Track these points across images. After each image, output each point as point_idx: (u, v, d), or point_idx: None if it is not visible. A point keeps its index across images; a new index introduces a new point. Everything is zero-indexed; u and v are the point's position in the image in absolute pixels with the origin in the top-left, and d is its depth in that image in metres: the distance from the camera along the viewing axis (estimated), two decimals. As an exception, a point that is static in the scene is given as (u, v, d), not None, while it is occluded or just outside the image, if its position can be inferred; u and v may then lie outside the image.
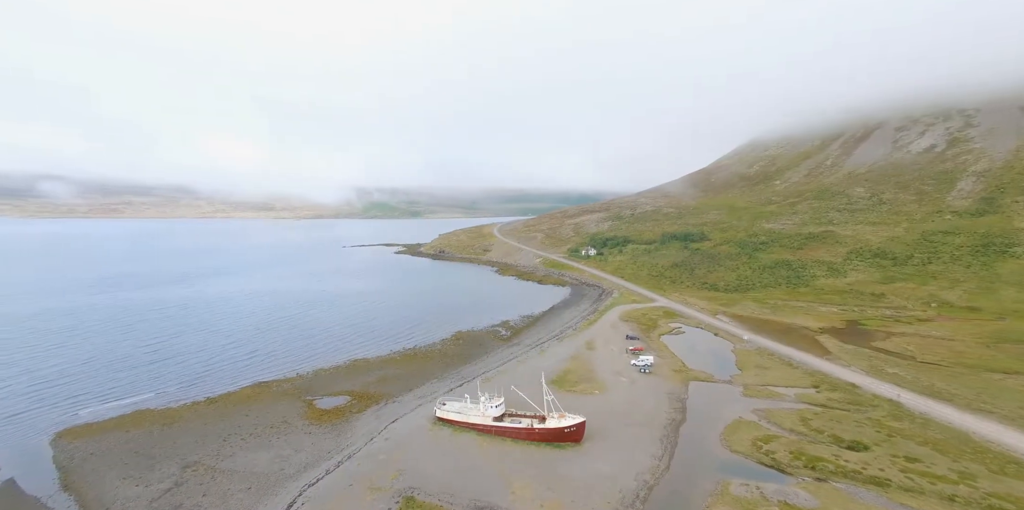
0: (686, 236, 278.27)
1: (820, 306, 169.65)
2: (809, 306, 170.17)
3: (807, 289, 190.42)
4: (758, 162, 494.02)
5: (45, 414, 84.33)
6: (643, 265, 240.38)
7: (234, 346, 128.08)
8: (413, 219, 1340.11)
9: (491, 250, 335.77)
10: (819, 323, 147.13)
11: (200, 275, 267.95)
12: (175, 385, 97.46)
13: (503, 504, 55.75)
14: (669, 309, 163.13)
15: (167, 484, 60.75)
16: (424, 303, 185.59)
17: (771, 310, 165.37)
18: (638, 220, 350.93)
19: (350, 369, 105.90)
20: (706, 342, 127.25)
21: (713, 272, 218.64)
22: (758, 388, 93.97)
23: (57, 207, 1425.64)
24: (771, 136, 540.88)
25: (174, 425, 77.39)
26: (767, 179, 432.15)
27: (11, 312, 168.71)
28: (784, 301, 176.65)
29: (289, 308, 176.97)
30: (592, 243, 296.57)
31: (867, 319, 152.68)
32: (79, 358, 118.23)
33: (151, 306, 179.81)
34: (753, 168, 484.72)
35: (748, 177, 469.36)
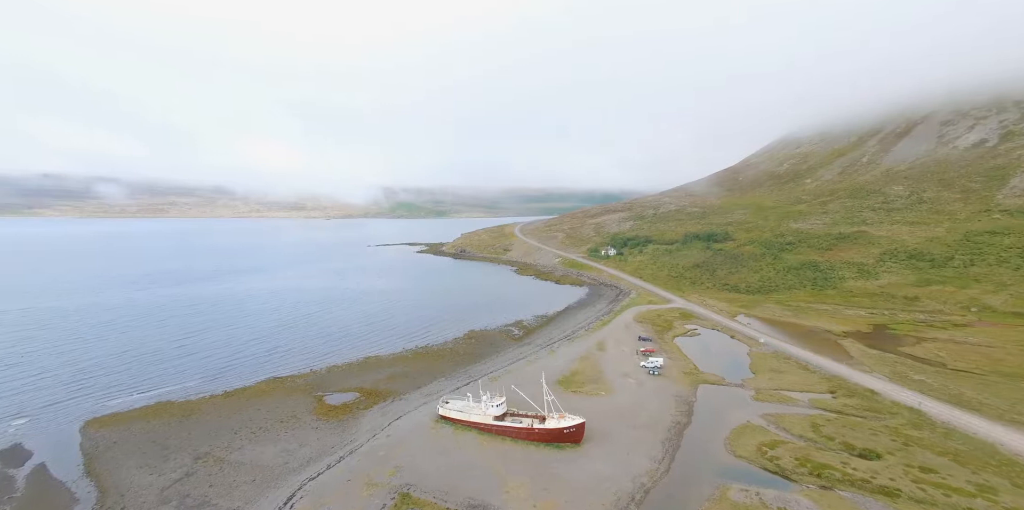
0: (709, 236, 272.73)
1: (846, 309, 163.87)
2: (835, 309, 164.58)
3: (834, 291, 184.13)
4: (789, 160, 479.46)
5: (80, 403, 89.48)
6: (663, 265, 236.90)
7: (256, 342, 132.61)
8: (438, 219, 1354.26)
9: (511, 249, 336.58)
10: (844, 327, 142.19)
11: (231, 272, 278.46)
12: (198, 378, 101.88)
13: (497, 503, 56.32)
14: (686, 310, 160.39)
15: (178, 474, 63.63)
16: (441, 302, 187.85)
17: (793, 313, 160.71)
18: (660, 220, 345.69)
19: (362, 366, 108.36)
20: (721, 344, 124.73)
21: (735, 273, 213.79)
22: (770, 392, 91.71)
23: (111, 207, 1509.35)
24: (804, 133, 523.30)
25: (191, 417, 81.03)
26: (797, 177, 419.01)
27: (61, 306, 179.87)
28: (808, 304, 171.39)
29: (311, 305, 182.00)
30: (612, 243, 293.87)
31: (897, 323, 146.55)
32: (115, 351, 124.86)
33: (184, 302, 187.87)
34: (783, 166, 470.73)
35: (777, 175, 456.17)
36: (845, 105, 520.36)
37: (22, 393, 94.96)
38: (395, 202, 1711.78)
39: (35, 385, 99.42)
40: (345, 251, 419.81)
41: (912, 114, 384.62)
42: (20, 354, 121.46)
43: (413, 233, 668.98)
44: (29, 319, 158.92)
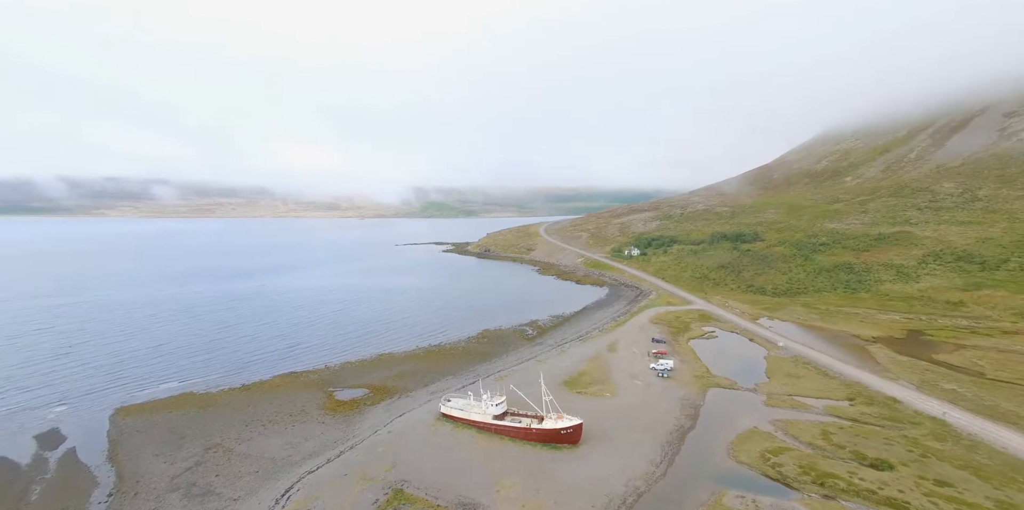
0: (737, 236, 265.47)
1: (880, 313, 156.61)
2: (867, 313, 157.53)
3: (867, 294, 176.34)
4: (828, 157, 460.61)
5: (113, 392, 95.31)
6: (687, 266, 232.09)
7: (280, 338, 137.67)
8: (468, 218, 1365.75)
9: (535, 249, 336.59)
10: (874, 332, 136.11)
11: (265, 270, 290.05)
12: (221, 372, 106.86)
13: (486, 502, 57.00)
14: (706, 312, 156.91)
15: (189, 463, 67.04)
16: (460, 301, 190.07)
17: (820, 316, 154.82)
18: (688, 220, 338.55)
19: (375, 363, 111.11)
20: (738, 348, 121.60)
21: (762, 274, 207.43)
22: (783, 398, 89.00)
23: (164, 208, 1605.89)
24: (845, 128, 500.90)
25: (209, 409, 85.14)
26: (836, 175, 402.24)
27: (111, 300, 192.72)
28: (838, 307, 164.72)
29: (335, 304, 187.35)
30: (636, 243, 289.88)
31: (935, 329, 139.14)
32: (153, 343, 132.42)
33: (219, 298, 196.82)
34: (821, 163, 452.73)
35: (815, 173, 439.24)
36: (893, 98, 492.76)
37: (67, 381, 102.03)
38: (426, 202, 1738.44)
39: (79, 374, 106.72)
40: (373, 250, 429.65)
41: (969, 106, 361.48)
42: (70, 345, 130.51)
43: (442, 232, 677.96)
44: (83, 312, 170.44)
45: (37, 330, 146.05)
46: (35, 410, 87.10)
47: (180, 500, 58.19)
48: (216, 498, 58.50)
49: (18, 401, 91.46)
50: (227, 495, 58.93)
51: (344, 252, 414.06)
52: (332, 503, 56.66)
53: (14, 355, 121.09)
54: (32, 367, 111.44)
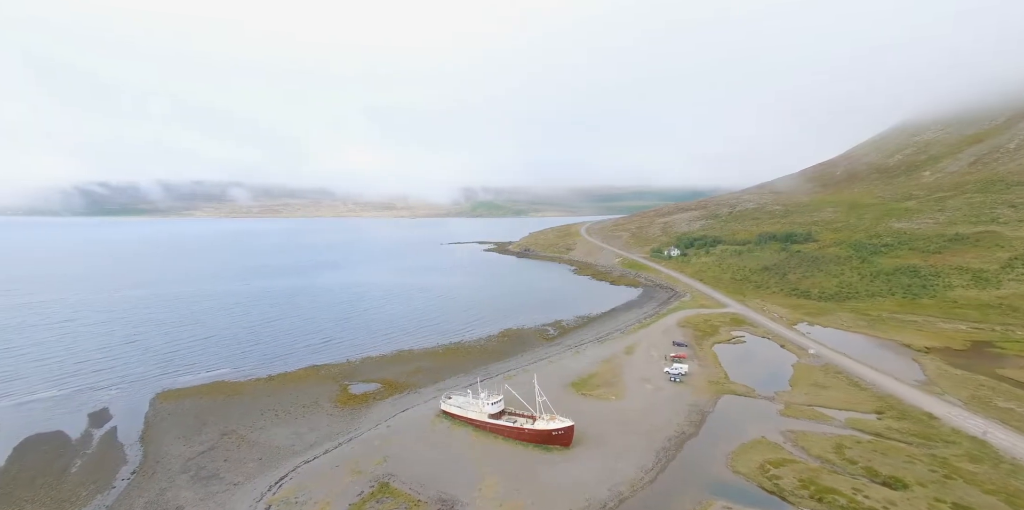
0: (787, 236, 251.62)
1: (942, 322, 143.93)
2: (926, 321, 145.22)
3: (931, 301, 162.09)
4: (903, 150, 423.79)
5: (160, 378, 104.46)
6: (728, 268, 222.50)
7: (315, 333, 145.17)
8: (517, 217, 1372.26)
9: (574, 249, 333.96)
10: (930, 341, 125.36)
11: (315, 267, 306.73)
12: (254, 362, 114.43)
13: (465, 499, 57.98)
14: (739, 316, 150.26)
15: (204, 447, 72.31)
16: (490, 299, 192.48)
17: (869, 323, 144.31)
18: (735, 219, 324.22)
19: (394, 359, 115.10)
20: (766, 354, 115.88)
21: (809, 277, 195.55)
22: (802, 408, 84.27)
23: (240, 208, 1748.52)
24: (925, 118, 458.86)
25: (234, 396, 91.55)
26: (912, 170, 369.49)
27: (179, 292, 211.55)
28: (892, 314, 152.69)
29: (371, 300, 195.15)
30: (677, 243, 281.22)
31: (1008, 341, 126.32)
32: (204, 334, 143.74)
33: (269, 293, 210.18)
34: (895, 157, 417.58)
35: (885, 168, 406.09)
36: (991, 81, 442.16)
37: (127, 366, 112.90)
38: (475, 202, 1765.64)
39: (138, 360, 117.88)
40: (418, 249, 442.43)
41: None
42: (137, 333, 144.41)
43: (488, 232, 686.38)
44: (154, 303, 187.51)
45: (115, 319, 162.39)
46: (96, 390, 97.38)
47: (188, 482, 63.13)
48: (219, 482, 62.92)
49: (87, 382, 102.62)
50: (229, 480, 63.29)
51: (390, 251, 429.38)
52: (319, 493, 59.46)
53: (93, 340, 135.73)
54: (104, 352, 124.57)
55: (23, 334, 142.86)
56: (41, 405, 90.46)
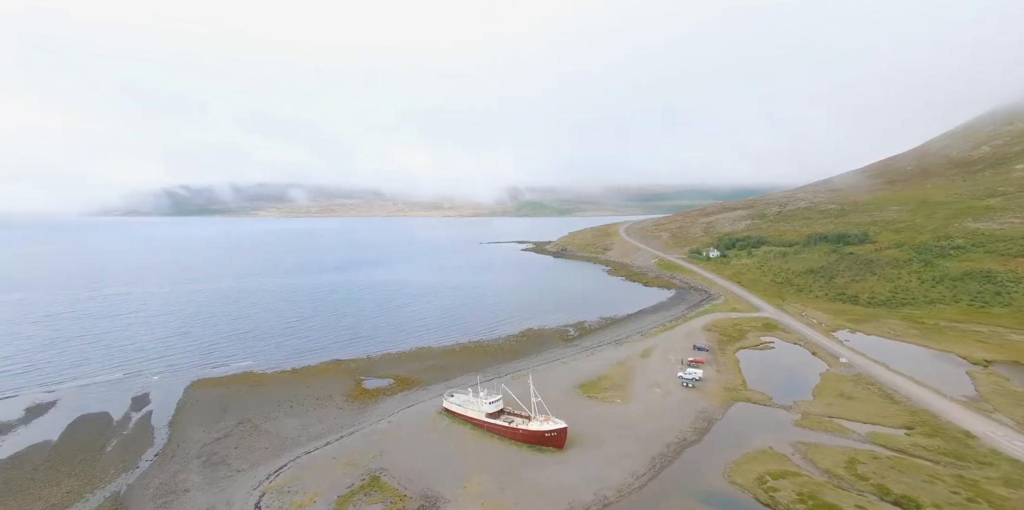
0: (840, 237, 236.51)
1: (1014, 333, 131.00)
2: (993, 332, 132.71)
3: (1005, 310, 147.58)
4: (992, 141, 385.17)
5: (199, 368, 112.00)
6: (769, 270, 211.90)
7: (346, 328, 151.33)
8: (561, 217, 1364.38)
9: (611, 249, 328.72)
10: (991, 354, 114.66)
11: (358, 265, 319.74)
12: (283, 355, 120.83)
13: (449, 496, 58.81)
14: (772, 321, 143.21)
15: (220, 434, 77.07)
16: (518, 299, 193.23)
17: (922, 332, 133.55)
18: (784, 219, 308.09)
19: (412, 356, 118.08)
20: (793, 361, 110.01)
21: (859, 281, 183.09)
22: (820, 419, 79.65)
23: (299, 209, 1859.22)
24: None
25: (257, 387, 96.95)
26: (1000, 163, 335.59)
27: (231, 287, 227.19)
28: (953, 323, 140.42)
29: (404, 298, 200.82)
30: (718, 244, 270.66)
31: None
32: (245, 327, 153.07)
33: (309, 290, 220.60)
34: (980, 149, 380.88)
35: (967, 162, 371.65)
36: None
37: (175, 355, 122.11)
38: (521, 201, 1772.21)
39: (184, 350, 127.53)
40: (457, 248, 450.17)
41: None
42: (189, 325, 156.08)
43: (530, 231, 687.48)
44: (209, 297, 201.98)
45: (174, 311, 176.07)
46: (144, 376, 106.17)
47: (199, 466, 67.59)
48: (225, 468, 66.96)
49: (138, 368, 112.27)
50: (235, 466, 67.23)
51: (430, 249, 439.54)
52: (311, 483, 62.05)
53: (152, 331, 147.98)
54: (158, 341, 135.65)
55: (100, 322, 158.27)
56: (98, 388, 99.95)
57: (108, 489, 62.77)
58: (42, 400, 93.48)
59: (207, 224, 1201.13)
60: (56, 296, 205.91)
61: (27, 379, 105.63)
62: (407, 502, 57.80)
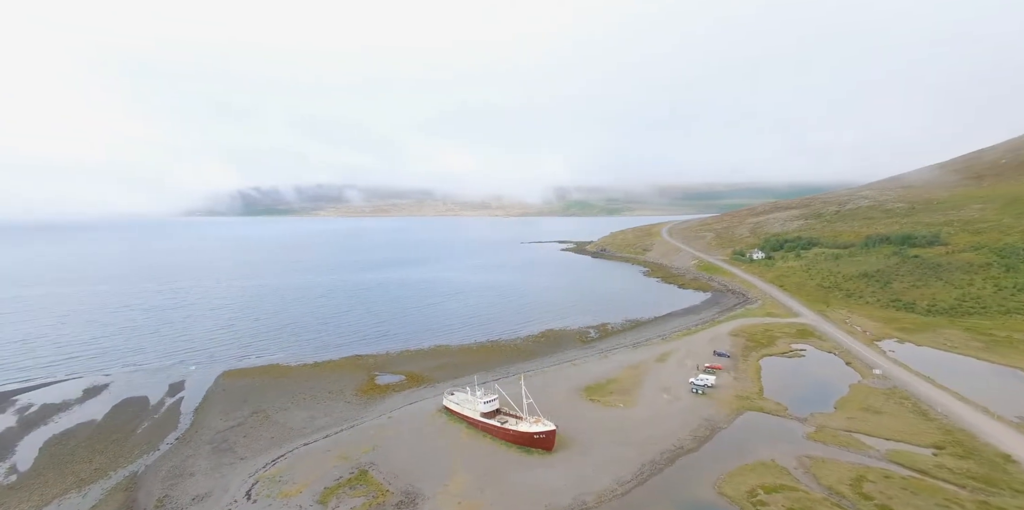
0: (905, 239, 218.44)
1: None
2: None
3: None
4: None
5: (235, 359, 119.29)
6: (817, 273, 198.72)
7: (376, 325, 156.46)
8: (610, 216, 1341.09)
9: (651, 250, 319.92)
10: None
11: (399, 263, 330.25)
12: (311, 349, 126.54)
13: (429, 494, 59.72)
14: (808, 327, 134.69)
15: (234, 422, 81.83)
16: (547, 299, 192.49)
17: (986, 344, 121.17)
18: (842, 218, 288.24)
19: (429, 353, 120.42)
20: (823, 370, 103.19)
21: (920, 287, 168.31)
22: (836, 433, 74.47)
23: (354, 208, 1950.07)
24: None
25: (279, 378, 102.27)
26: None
27: (279, 283, 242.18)
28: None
29: (436, 296, 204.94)
30: (764, 245, 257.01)
31: None
32: (284, 322, 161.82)
33: (350, 287, 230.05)
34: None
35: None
36: None
37: (216, 346, 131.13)
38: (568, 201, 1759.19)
39: (224, 341, 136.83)
40: (498, 247, 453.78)
41: None
42: (234, 319, 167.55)
43: (574, 231, 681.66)
44: (257, 293, 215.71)
45: (224, 305, 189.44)
46: (184, 365, 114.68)
47: (209, 452, 72.20)
48: (230, 455, 71.08)
49: (181, 357, 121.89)
50: (239, 454, 71.28)
51: (472, 249, 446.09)
52: (302, 474, 64.72)
53: (202, 323, 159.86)
54: (205, 333, 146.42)
55: (162, 314, 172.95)
56: (145, 374, 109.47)
57: (129, 468, 68.54)
58: (99, 383, 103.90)
59: (272, 223, 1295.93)
60: (134, 288, 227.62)
61: (94, 363, 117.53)
62: (388, 497, 59.35)
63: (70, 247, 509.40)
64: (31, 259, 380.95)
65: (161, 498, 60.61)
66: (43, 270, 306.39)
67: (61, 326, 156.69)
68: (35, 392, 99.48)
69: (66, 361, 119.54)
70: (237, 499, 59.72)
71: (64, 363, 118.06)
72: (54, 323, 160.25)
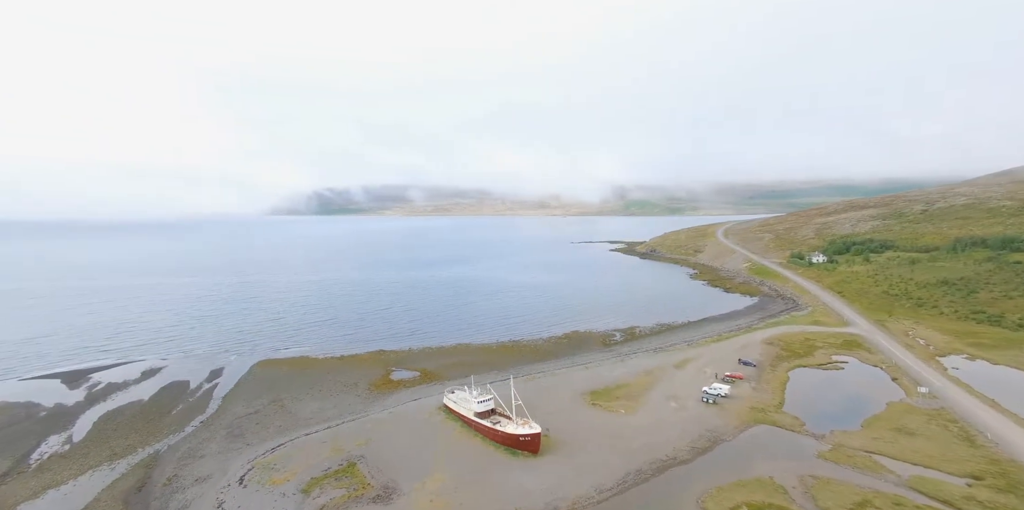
0: (1006, 242, 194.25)
1: None
2: None
3: None
4: None
5: (272, 349, 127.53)
6: (885, 279, 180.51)
7: (410, 322, 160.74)
8: (671, 216, 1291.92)
9: (703, 251, 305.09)
10: None
11: (448, 262, 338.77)
12: (343, 343, 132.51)
13: (405, 490, 60.81)
14: (858, 338, 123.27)
15: (252, 410, 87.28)
16: (582, 300, 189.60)
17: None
18: (929, 219, 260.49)
19: (449, 351, 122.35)
20: (861, 385, 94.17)
21: (1014, 298, 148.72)
22: (853, 453, 67.98)
23: (416, 208, 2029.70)
24: None
25: (304, 370, 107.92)
26: None
27: (333, 279, 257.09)
28: None
29: (474, 295, 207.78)
30: (828, 248, 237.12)
31: None
32: (326, 316, 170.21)
33: (395, 284, 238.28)
34: None
35: None
36: None
37: (260, 337, 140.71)
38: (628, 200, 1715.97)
39: (269, 333, 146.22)
40: (547, 247, 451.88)
41: None
42: (284, 312, 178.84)
43: (630, 231, 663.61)
44: (312, 288, 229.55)
45: (281, 299, 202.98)
46: (228, 354, 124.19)
47: (222, 436, 77.60)
48: (240, 441, 75.90)
49: (228, 347, 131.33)
50: (247, 440, 75.93)
51: (521, 248, 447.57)
52: (295, 463, 67.80)
53: (255, 315, 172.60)
54: (256, 324, 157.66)
55: (225, 306, 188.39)
56: (193, 360, 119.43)
57: (155, 447, 75.34)
58: (156, 366, 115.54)
59: (344, 222, 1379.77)
60: (211, 281, 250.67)
61: (159, 348, 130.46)
62: (367, 490, 60.97)
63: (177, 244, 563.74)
64: (145, 252, 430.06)
65: (171, 477, 66.10)
66: (151, 262, 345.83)
67: (145, 314, 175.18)
68: (106, 371, 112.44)
69: (139, 346, 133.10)
70: (231, 483, 63.80)
71: (137, 347, 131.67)
72: (141, 311, 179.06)
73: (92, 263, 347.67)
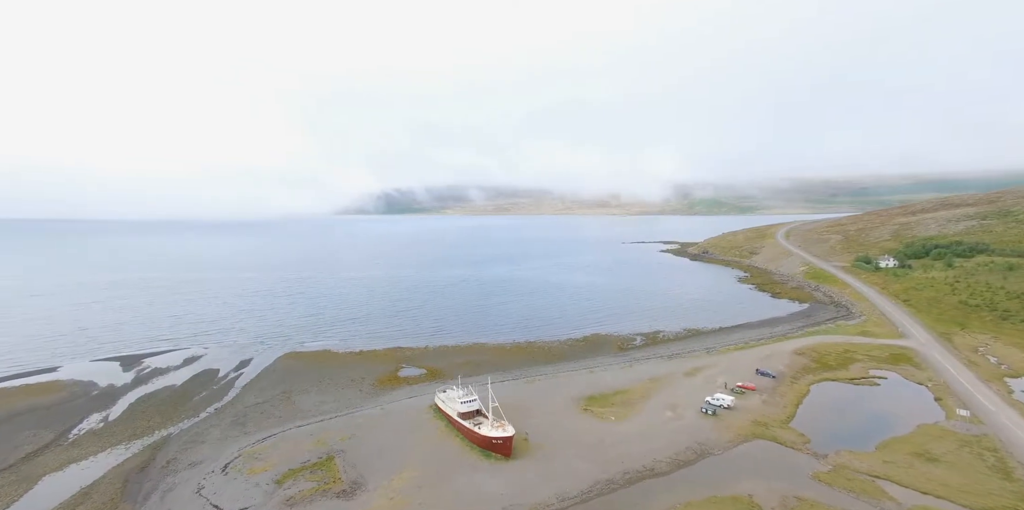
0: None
1: None
2: None
3: None
4: None
5: (299, 342, 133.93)
6: (966, 287, 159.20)
7: (437, 319, 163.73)
8: (741, 215, 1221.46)
9: (758, 253, 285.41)
10: None
11: (493, 260, 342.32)
12: (367, 338, 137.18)
13: (372, 486, 61.78)
14: (910, 352, 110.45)
15: (262, 400, 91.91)
16: (615, 302, 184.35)
17: None
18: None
19: (463, 350, 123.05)
20: (893, 404, 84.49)
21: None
22: (854, 476, 61.23)
23: (477, 207, 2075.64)
24: None
25: (321, 364, 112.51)
26: None
27: (378, 276, 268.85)
28: None
29: (509, 294, 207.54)
30: (903, 251, 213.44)
31: None
32: (362, 312, 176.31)
33: (437, 282, 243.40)
34: None
35: None
36: None
37: (294, 330, 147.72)
38: (693, 199, 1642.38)
39: (303, 327, 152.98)
40: (597, 247, 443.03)
41: None
42: (322, 307, 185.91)
43: (689, 231, 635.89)
44: (355, 284, 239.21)
45: (323, 294, 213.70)
46: (259, 344, 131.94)
47: (227, 424, 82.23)
48: (239, 428, 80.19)
49: (260, 337, 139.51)
50: (246, 429, 79.99)
51: (570, 248, 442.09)
52: (278, 454, 70.50)
53: (297, 310, 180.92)
54: (293, 318, 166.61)
55: (273, 300, 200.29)
56: (230, 350, 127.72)
57: (168, 430, 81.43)
58: (197, 354, 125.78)
59: (407, 221, 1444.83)
60: (269, 276, 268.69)
61: (205, 339, 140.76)
62: (336, 485, 62.51)
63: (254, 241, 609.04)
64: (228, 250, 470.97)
65: (170, 460, 71.18)
66: (230, 258, 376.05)
67: (206, 306, 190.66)
68: (157, 357, 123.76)
69: (192, 336, 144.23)
70: (215, 470, 67.61)
71: (189, 337, 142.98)
72: (203, 303, 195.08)
73: (184, 257, 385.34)
